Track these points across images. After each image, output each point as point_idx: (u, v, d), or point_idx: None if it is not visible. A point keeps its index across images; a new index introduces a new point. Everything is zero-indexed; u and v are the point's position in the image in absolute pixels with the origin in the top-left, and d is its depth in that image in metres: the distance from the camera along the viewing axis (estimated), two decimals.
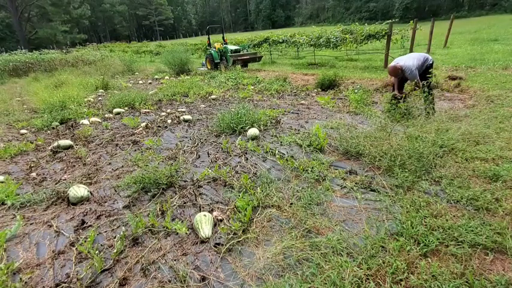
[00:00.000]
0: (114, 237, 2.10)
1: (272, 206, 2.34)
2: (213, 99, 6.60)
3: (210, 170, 2.99)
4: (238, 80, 8.50)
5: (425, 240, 1.79)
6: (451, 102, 4.86)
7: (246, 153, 3.45)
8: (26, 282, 1.74)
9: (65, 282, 1.73)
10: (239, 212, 2.24)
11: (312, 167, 2.86)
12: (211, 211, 2.33)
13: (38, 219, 2.41)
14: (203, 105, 6.06)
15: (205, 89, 7.40)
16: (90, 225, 2.28)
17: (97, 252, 1.87)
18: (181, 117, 5.08)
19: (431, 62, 4.06)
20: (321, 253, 1.79)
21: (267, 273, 1.70)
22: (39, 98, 6.39)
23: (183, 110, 5.79)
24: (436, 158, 2.79)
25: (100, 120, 5.37)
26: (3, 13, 35.02)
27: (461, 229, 1.86)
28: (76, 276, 1.74)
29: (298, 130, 4.11)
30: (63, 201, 2.63)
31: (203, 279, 1.70)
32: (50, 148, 4.00)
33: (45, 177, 3.20)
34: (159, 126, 4.79)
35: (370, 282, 1.55)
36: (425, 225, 1.94)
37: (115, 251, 1.90)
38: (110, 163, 3.47)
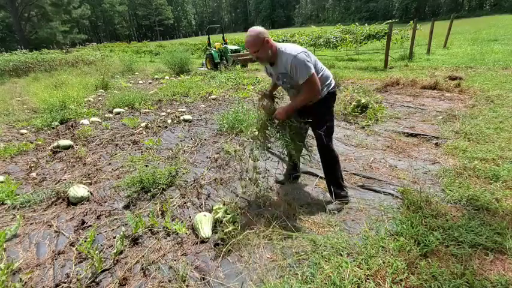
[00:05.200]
0: (114, 237, 2.10)
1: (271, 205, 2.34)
2: (213, 99, 6.59)
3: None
4: (238, 80, 8.49)
5: (425, 240, 1.79)
6: (451, 102, 4.86)
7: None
8: (26, 282, 1.74)
9: (64, 282, 1.73)
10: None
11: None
12: (211, 211, 2.33)
13: (38, 219, 2.41)
14: (203, 105, 6.06)
15: (205, 89, 7.40)
16: (90, 225, 2.27)
17: (97, 252, 1.87)
18: (181, 117, 5.07)
19: (332, 88, 2.07)
20: (321, 253, 1.79)
21: (267, 273, 1.70)
22: (39, 98, 6.37)
23: (183, 110, 5.79)
24: None
25: (100, 120, 5.36)
26: (3, 13, 35.02)
27: (461, 229, 1.86)
28: (76, 276, 1.74)
29: None
30: (63, 201, 2.63)
31: (203, 279, 1.70)
32: (50, 148, 4.00)
33: (45, 177, 3.20)
34: (159, 126, 4.78)
35: (370, 282, 1.55)
36: (425, 225, 1.94)
37: (115, 251, 1.90)
38: (110, 163, 3.47)
